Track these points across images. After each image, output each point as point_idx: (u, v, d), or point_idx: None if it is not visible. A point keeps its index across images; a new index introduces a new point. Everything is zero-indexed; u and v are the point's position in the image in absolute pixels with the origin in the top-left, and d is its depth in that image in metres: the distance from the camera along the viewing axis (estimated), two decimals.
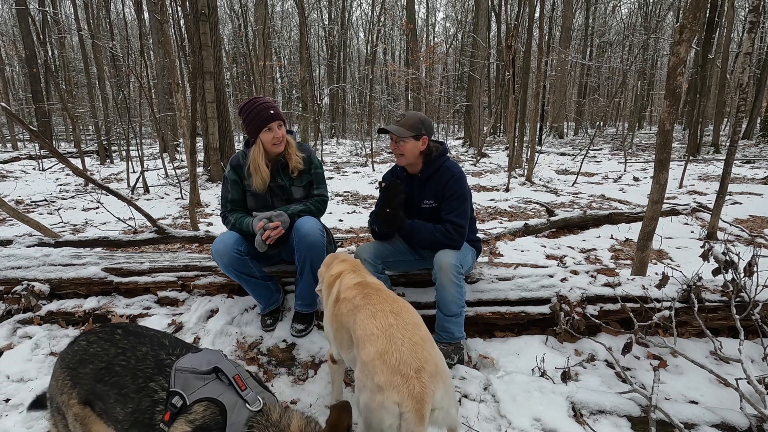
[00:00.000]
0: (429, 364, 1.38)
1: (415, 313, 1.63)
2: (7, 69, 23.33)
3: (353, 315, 1.62)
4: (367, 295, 1.67)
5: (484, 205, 6.87)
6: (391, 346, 1.41)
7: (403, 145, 2.28)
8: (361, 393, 1.41)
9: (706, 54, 10.25)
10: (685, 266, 2.83)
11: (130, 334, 1.34)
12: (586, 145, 14.13)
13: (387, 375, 1.34)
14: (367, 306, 1.61)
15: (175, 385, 1.18)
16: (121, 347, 1.29)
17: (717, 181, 6.72)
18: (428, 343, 1.48)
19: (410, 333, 1.46)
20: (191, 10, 8.05)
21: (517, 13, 11.79)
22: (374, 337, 1.46)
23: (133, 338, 1.32)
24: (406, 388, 1.30)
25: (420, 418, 1.28)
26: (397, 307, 1.60)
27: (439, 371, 1.41)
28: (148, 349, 1.29)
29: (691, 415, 1.75)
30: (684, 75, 2.95)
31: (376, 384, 1.34)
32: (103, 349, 1.30)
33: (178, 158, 14.20)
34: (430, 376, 1.35)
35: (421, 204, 2.38)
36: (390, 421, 1.30)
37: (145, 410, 1.18)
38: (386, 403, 1.30)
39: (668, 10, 20.62)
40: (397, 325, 1.49)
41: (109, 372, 1.25)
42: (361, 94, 25.14)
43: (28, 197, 7.87)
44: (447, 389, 1.42)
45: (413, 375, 1.33)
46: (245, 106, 2.35)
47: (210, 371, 1.21)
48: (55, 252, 2.96)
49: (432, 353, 1.44)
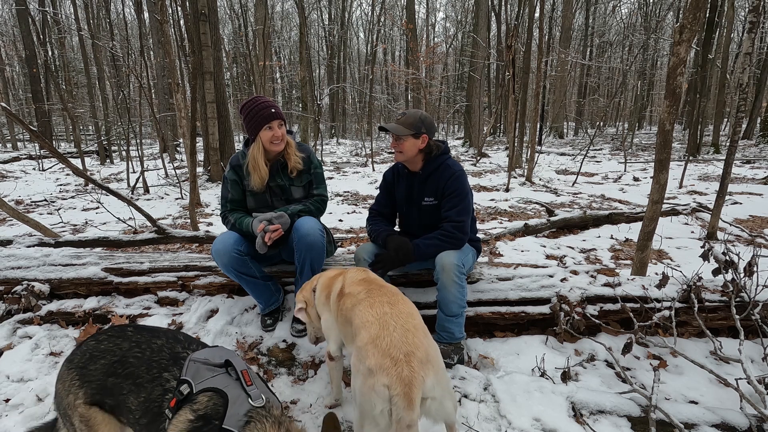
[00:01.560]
0: (419, 350, 1.40)
1: (411, 304, 1.66)
2: (7, 69, 23.33)
3: (355, 308, 1.66)
4: (371, 291, 1.70)
5: (484, 205, 6.87)
6: (383, 332, 1.45)
7: (402, 143, 2.28)
8: (356, 379, 1.45)
9: (706, 54, 10.25)
10: (685, 266, 2.83)
11: (143, 329, 1.37)
12: (586, 145, 14.13)
13: (377, 358, 1.37)
14: (367, 299, 1.65)
15: (186, 374, 1.21)
16: (135, 341, 1.31)
17: (717, 181, 6.72)
18: (421, 331, 1.50)
19: (403, 321, 1.50)
20: (191, 10, 8.05)
21: (517, 13, 11.80)
22: (369, 324, 1.50)
23: (147, 333, 1.34)
24: (395, 371, 1.33)
25: (409, 402, 1.29)
26: (394, 299, 1.64)
27: (431, 359, 1.43)
28: (163, 342, 1.31)
29: (691, 415, 1.75)
30: (684, 75, 2.95)
31: (367, 367, 1.38)
32: (116, 344, 1.31)
33: (178, 158, 14.21)
34: (420, 362, 1.37)
35: (422, 201, 2.38)
36: (381, 406, 1.32)
37: (156, 398, 1.20)
38: (376, 386, 1.32)
39: (668, 10, 20.64)
40: (392, 313, 1.53)
41: (123, 364, 1.26)
42: (361, 94, 25.16)
43: (28, 197, 7.87)
44: (439, 379, 1.43)
45: (402, 359, 1.36)
46: (246, 104, 2.36)
47: (221, 364, 1.25)
48: (55, 252, 2.96)
49: (423, 341, 1.46)
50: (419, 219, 2.43)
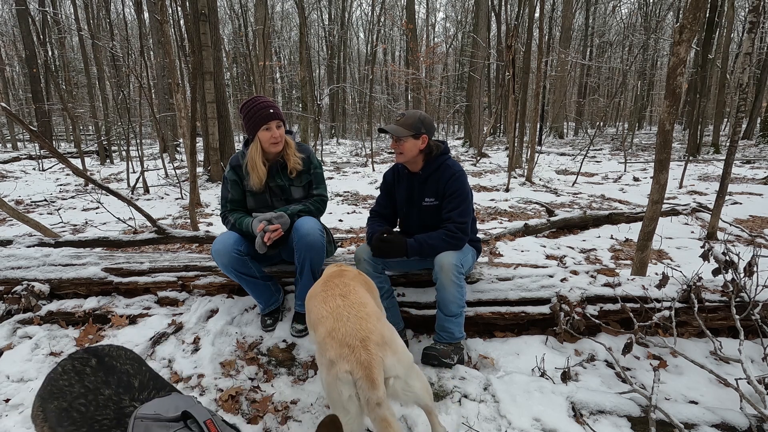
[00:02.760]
0: (374, 335, 1.47)
1: (363, 293, 1.72)
2: (7, 69, 23.33)
3: (310, 304, 1.74)
4: (326, 285, 1.77)
5: (484, 205, 6.87)
6: (338, 323, 1.51)
7: (402, 144, 2.28)
8: (321, 373, 1.51)
9: (706, 54, 10.25)
10: (685, 266, 2.83)
11: (101, 368, 1.20)
12: (586, 145, 14.13)
13: (336, 348, 1.44)
14: (321, 293, 1.72)
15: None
16: (85, 386, 1.15)
17: (717, 181, 6.72)
18: (373, 317, 1.57)
19: (356, 310, 1.57)
20: (191, 10, 8.05)
21: (517, 13, 11.80)
22: (324, 319, 1.57)
23: (101, 375, 1.17)
24: (354, 357, 1.39)
25: (371, 383, 1.35)
26: (346, 290, 1.69)
27: (386, 341, 1.50)
28: (111, 392, 1.14)
29: (691, 415, 1.75)
30: (684, 75, 2.95)
31: (328, 359, 1.44)
32: (69, 384, 1.16)
33: (178, 158, 14.20)
34: (376, 345, 1.44)
35: (422, 202, 2.38)
36: (348, 392, 1.37)
37: None
38: (339, 374, 1.38)
39: (668, 10, 20.64)
40: (344, 305, 1.60)
41: (68, 417, 1.10)
42: (361, 94, 25.16)
43: (28, 197, 7.87)
44: (399, 358, 1.50)
45: (359, 345, 1.42)
46: (246, 104, 2.36)
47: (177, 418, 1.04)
48: (55, 252, 2.96)
49: (377, 325, 1.53)
50: (420, 219, 2.43)
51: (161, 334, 2.42)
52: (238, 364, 2.25)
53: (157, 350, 2.32)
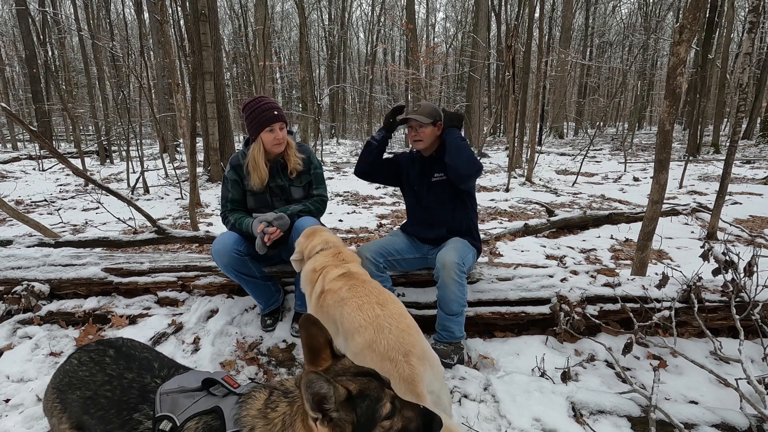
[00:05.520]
0: (416, 348, 1.44)
1: (400, 303, 1.69)
2: (7, 69, 23.35)
3: (340, 307, 1.67)
4: (353, 287, 1.72)
5: (484, 205, 6.87)
6: (378, 335, 1.47)
7: (423, 131, 2.43)
8: None
9: (706, 54, 10.25)
10: (685, 266, 2.83)
11: (120, 357, 1.27)
12: (586, 145, 14.13)
13: (377, 362, 1.39)
14: (353, 298, 1.66)
15: (161, 409, 1.11)
16: (108, 374, 1.22)
17: (717, 181, 6.72)
18: (414, 330, 1.54)
19: (397, 321, 1.53)
20: (191, 10, 8.05)
21: (517, 13, 11.80)
22: (362, 329, 1.52)
23: (122, 362, 1.25)
24: (396, 372, 1.36)
25: (417, 397, 1.31)
26: (383, 298, 1.65)
27: (426, 355, 1.47)
28: (134, 375, 1.21)
29: (691, 415, 1.75)
30: (684, 75, 2.95)
31: None
32: (91, 374, 1.22)
33: (178, 158, 14.19)
34: (418, 359, 1.41)
35: (432, 178, 2.50)
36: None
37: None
38: None
39: (668, 10, 20.65)
40: (384, 315, 1.55)
41: (95, 403, 1.17)
42: (361, 94, 25.17)
43: (28, 197, 7.87)
44: (436, 373, 1.47)
45: (401, 359, 1.39)
46: (249, 103, 2.35)
47: (200, 387, 1.15)
48: (55, 252, 2.96)
49: (418, 339, 1.50)
50: (429, 195, 2.54)
51: (161, 334, 2.42)
52: (238, 364, 2.25)
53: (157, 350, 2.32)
